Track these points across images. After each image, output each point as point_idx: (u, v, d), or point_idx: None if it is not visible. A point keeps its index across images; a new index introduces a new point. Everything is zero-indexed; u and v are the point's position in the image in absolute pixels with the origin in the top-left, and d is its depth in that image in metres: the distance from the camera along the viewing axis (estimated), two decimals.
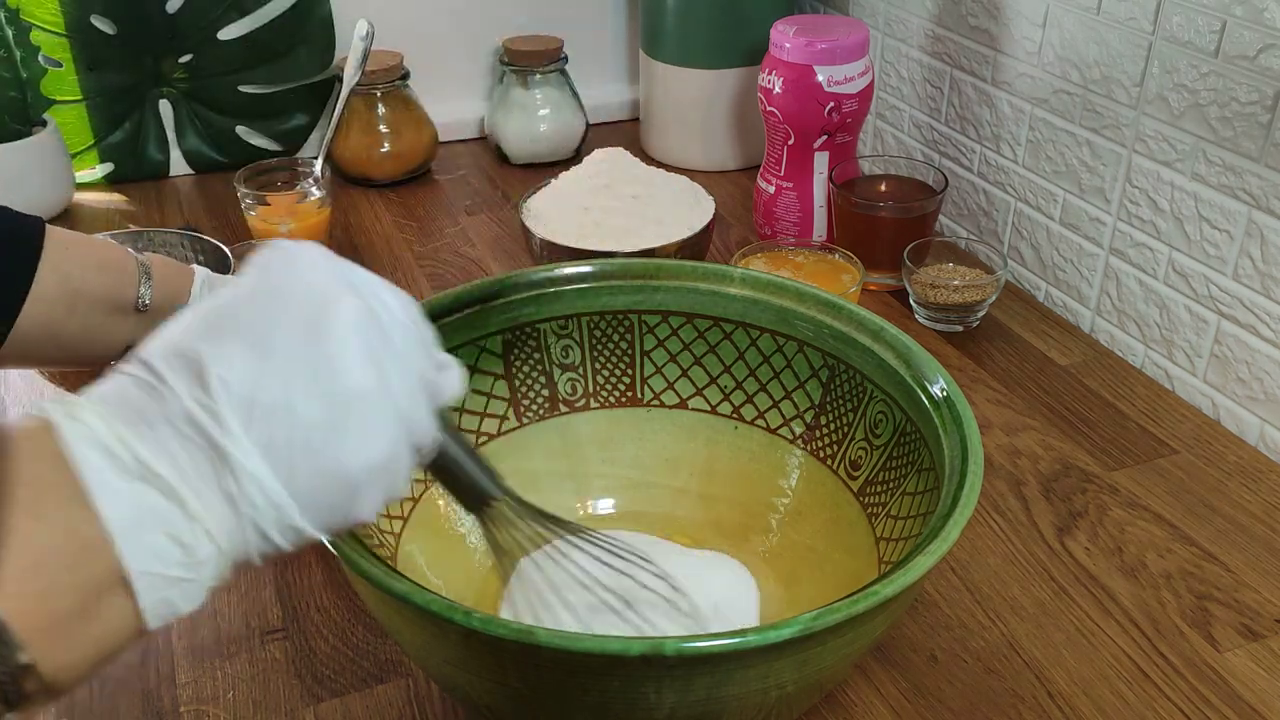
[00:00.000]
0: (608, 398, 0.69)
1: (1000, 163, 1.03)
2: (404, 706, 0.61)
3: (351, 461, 0.38)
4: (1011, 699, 0.62)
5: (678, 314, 0.67)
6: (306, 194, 1.05)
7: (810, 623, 0.42)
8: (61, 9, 1.13)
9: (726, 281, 0.66)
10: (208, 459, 0.35)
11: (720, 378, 0.68)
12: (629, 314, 0.67)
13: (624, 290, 0.67)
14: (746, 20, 1.17)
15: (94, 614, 0.33)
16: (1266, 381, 0.81)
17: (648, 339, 0.68)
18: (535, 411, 0.69)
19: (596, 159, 0.98)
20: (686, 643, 0.42)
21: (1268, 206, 0.79)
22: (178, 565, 0.35)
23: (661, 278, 0.67)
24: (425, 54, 1.27)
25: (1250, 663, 0.64)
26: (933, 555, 0.46)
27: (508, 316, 0.67)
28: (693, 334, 0.67)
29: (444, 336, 0.64)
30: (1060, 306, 1.00)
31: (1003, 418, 0.84)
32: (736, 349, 0.67)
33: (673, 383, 0.69)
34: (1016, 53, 0.99)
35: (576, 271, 0.67)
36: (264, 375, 0.36)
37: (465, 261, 1.07)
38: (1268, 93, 0.77)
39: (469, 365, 0.66)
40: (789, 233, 1.06)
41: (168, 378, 0.36)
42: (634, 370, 0.69)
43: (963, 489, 0.50)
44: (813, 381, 0.65)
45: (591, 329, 0.68)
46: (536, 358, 0.68)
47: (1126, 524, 0.74)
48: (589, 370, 0.69)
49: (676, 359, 0.68)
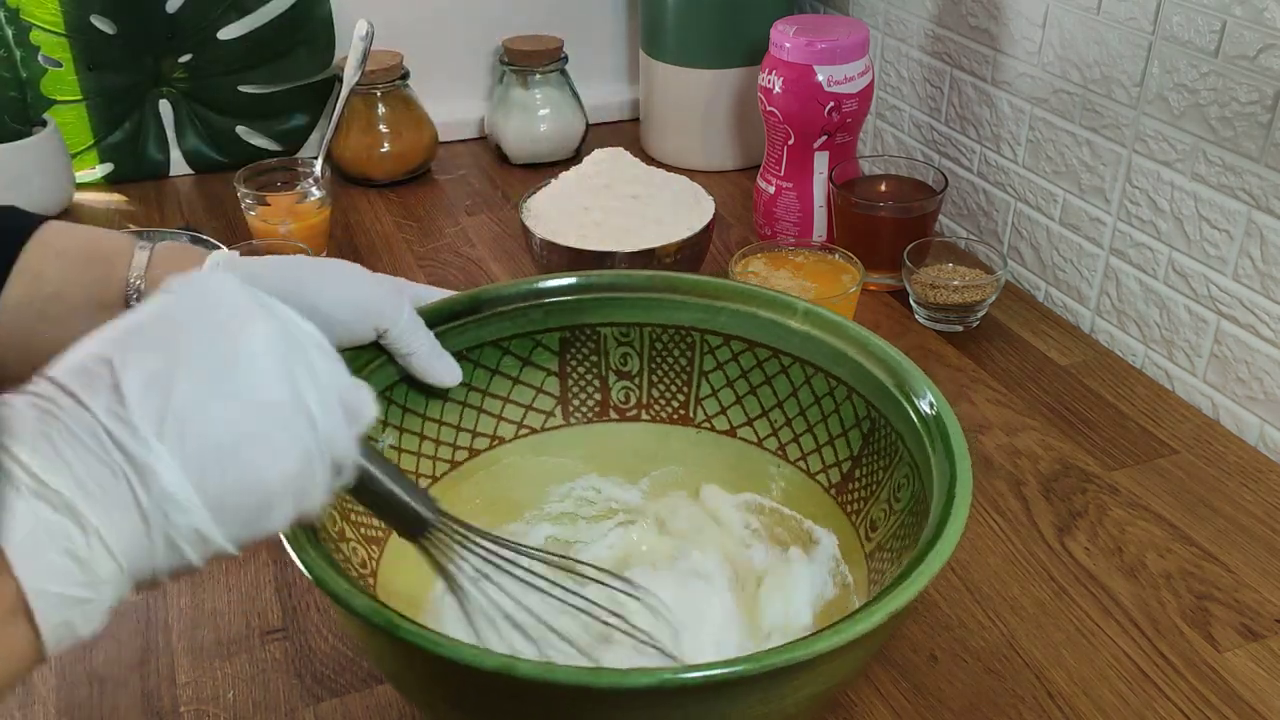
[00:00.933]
0: (659, 412, 0.68)
1: (1000, 163, 1.04)
2: (404, 706, 0.61)
3: (265, 472, 0.37)
4: (1011, 699, 0.62)
5: (739, 339, 0.65)
6: (306, 194, 1.05)
7: (761, 661, 0.42)
8: (61, 9, 1.13)
9: (789, 313, 0.64)
10: (112, 470, 0.34)
11: (772, 411, 0.65)
12: (692, 331, 0.66)
13: (688, 307, 0.65)
14: (746, 20, 1.17)
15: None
16: (1266, 381, 0.81)
17: (707, 359, 0.66)
18: (583, 413, 0.68)
19: (596, 159, 0.98)
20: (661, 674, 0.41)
21: (1268, 206, 0.79)
22: (77, 584, 0.34)
23: (727, 299, 0.65)
24: (425, 54, 1.27)
25: (1250, 663, 0.64)
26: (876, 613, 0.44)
27: (568, 315, 0.66)
28: (752, 361, 0.65)
29: (499, 326, 0.65)
30: (1060, 306, 1.00)
31: (1003, 418, 0.84)
32: (791, 384, 0.64)
33: (726, 408, 0.67)
34: (1016, 52, 0.99)
35: (643, 278, 0.66)
36: (176, 382, 0.36)
37: (465, 262, 1.07)
38: (1268, 93, 0.77)
39: (521, 357, 0.66)
40: (789, 233, 1.06)
41: (73, 389, 0.35)
42: (690, 388, 0.67)
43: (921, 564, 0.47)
44: (855, 431, 0.62)
45: (653, 340, 0.67)
46: (594, 360, 0.67)
47: (1126, 524, 0.74)
48: (645, 381, 0.68)
49: (733, 384, 0.66)
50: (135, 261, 0.56)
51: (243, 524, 0.37)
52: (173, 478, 0.35)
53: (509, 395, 0.67)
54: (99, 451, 0.34)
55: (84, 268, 0.55)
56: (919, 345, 0.93)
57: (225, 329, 0.38)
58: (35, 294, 0.53)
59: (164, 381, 0.36)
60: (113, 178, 1.23)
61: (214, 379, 0.37)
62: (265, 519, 0.38)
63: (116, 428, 0.34)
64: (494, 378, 0.66)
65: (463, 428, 0.65)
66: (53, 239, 0.55)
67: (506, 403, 0.67)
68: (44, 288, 0.54)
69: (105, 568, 0.34)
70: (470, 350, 0.65)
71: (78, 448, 0.34)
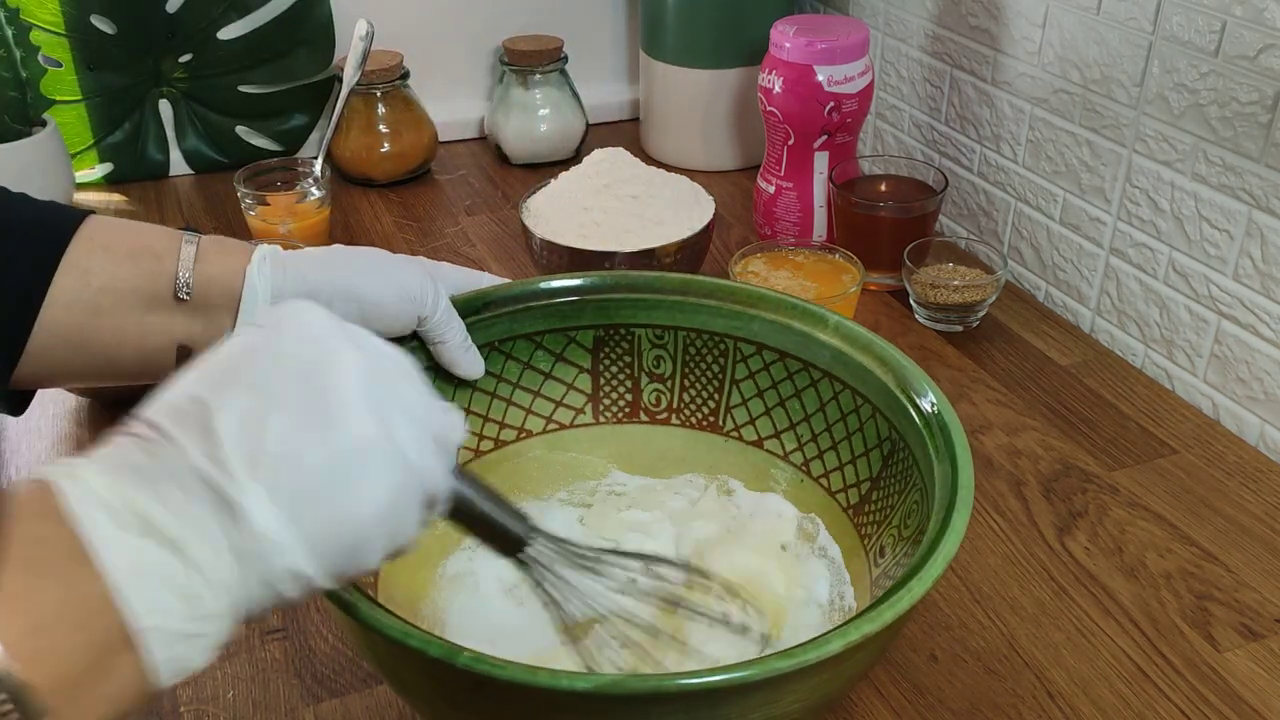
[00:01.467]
0: (690, 417, 0.68)
1: (1000, 163, 1.03)
2: (404, 706, 0.61)
3: (357, 509, 0.38)
4: (1011, 699, 0.62)
5: (771, 349, 0.64)
6: (306, 194, 1.05)
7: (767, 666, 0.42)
8: (61, 9, 1.13)
9: (820, 326, 0.62)
10: (212, 511, 0.35)
11: (799, 425, 0.65)
12: (725, 338, 0.65)
13: (722, 313, 0.65)
14: (746, 20, 1.17)
15: (106, 672, 0.33)
16: (1266, 381, 0.81)
17: (739, 368, 0.66)
18: (613, 413, 0.68)
19: (596, 159, 0.98)
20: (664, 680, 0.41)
21: (1268, 206, 0.79)
22: (183, 619, 0.34)
23: (760, 308, 0.64)
24: (425, 54, 1.27)
25: (1250, 663, 0.64)
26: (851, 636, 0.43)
27: (604, 313, 0.66)
28: (783, 373, 0.64)
29: (533, 320, 0.65)
30: (1060, 306, 1.00)
31: (1003, 418, 0.84)
32: (820, 399, 0.63)
33: (755, 418, 0.66)
34: (1016, 52, 0.99)
35: (679, 281, 0.66)
36: (269, 423, 0.36)
37: (465, 262, 1.07)
38: (1268, 93, 0.77)
39: (555, 353, 0.66)
40: (789, 233, 1.06)
41: (169, 431, 0.36)
42: (720, 395, 0.67)
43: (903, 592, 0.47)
44: (875, 452, 0.60)
45: (687, 345, 0.66)
46: (627, 360, 0.67)
47: (1126, 524, 0.74)
48: (677, 385, 0.67)
49: (763, 395, 0.65)
50: (183, 255, 0.55)
51: (337, 561, 0.38)
52: (266, 519, 0.35)
53: (539, 390, 0.67)
54: (196, 492, 0.35)
55: (131, 262, 0.55)
56: (919, 345, 0.93)
57: (316, 367, 0.38)
58: (84, 289, 0.53)
59: (257, 422, 0.36)
60: (113, 178, 1.23)
61: (306, 419, 0.37)
62: (361, 556, 0.39)
63: (211, 470, 0.35)
64: (525, 371, 0.66)
65: (490, 418, 0.66)
66: (98, 234, 0.55)
67: (537, 396, 0.67)
68: (92, 282, 0.53)
69: (210, 604, 0.35)
70: (503, 342, 0.65)
71: (176, 489, 0.35)
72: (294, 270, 0.57)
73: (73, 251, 0.53)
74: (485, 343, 0.64)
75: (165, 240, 0.56)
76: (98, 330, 0.54)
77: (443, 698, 0.47)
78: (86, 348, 0.54)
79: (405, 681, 0.49)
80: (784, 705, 0.44)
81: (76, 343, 0.54)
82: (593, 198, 0.95)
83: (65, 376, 0.56)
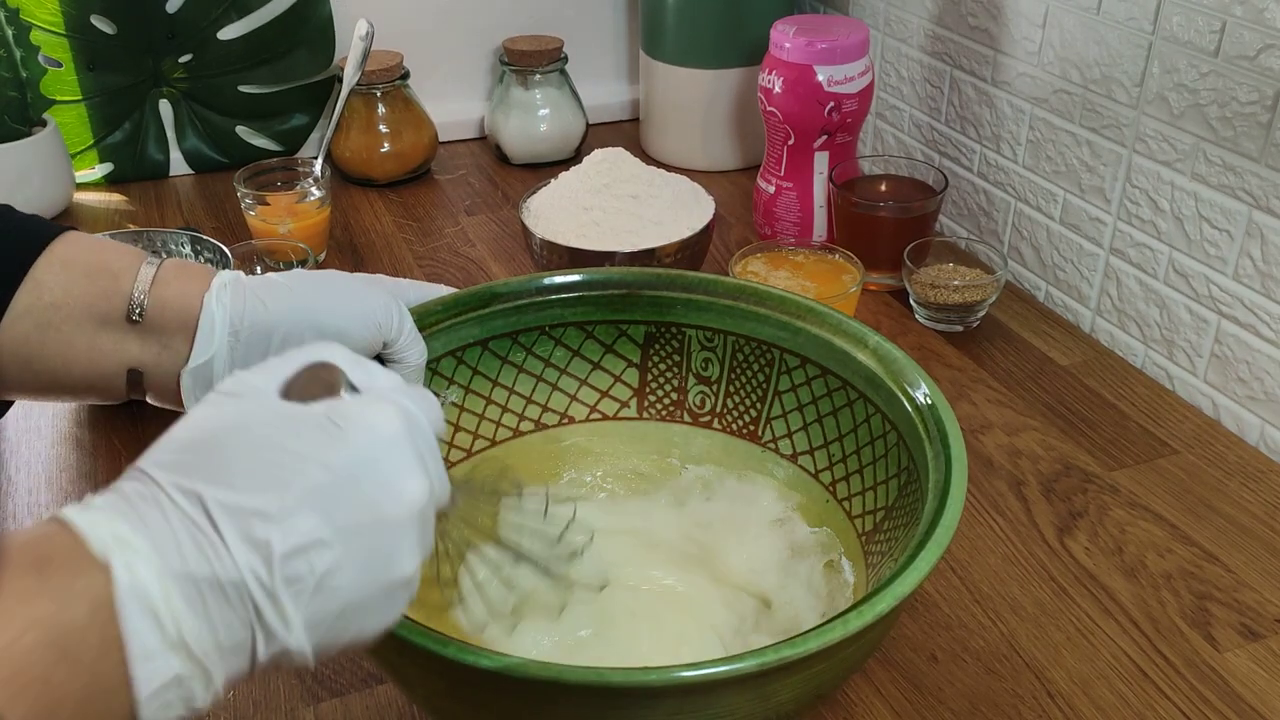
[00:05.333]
0: (731, 423, 0.67)
1: (1000, 163, 1.04)
2: (404, 706, 0.61)
3: (371, 630, 0.39)
4: (1011, 699, 0.62)
5: (815, 364, 0.63)
6: (306, 194, 1.05)
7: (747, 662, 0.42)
8: (61, 9, 1.13)
9: (860, 345, 0.61)
10: (249, 633, 0.35)
11: (832, 444, 0.63)
12: (773, 347, 0.65)
13: (770, 322, 0.64)
14: (746, 20, 1.17)
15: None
16: (1267, 381, 0.81)
17: (783, 379, 0.65)
18: (657, 410, 0.68)
19: (596, 159, 0.98)
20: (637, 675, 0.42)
21: (1268, 206, 0.79)
22: (181, 711, 0.35)
23: (806, 320, 0.63)
24: (425, 54, 1.27)
25: (1250, 663, 0.64)
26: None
27: (657, 310, 0.66)
28: (823, 389, 0.63)
29: (585, 309, 0.66)
30: (1060, 306, 1.00)
31: (1003, 418, 0.84)
32: (854, 420, 0.62)
33: (793, 431, 0.65)
34: (1016, 53, 0.99)
35: (733, 285, 0.65)
36: (325, 554, 0.36)
37: (465, 261, 1.07)
38: (1268, 93, 0.77)
39: (605, 344, 0.67)
40: (789, 233, 1.06)
41: (226, 537, 0.35)
42: (763, 405, 0.66)
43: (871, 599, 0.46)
44: (894, 481, 0.59)
45: (735, 350, 0.66)
46: (676, 359, 0.67)
47: (1127, 524, 0.74)
48: (723, 390, 0.67)
49: (803, 409, 0.65)
50: (141, 276, 0.54)
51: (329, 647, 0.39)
52: (298, 643, 0.36)
53: (586, 378, 0.68)
54: (241, 615, 0.35)
55: (87, 279, 0.53)
56: (919, 345, 0.93)
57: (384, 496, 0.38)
58: (36, 303, 0.52)
59: (315, 552, 0.36)
60: (113, 178, 1.23)
61: (368, 564, 0.37)
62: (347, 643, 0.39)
63: (261, 599, 0.35)
64: (574, 359, 0.67)
65: (534, 400, 0.67)
66: (62, 250, 0.53)
67: (583, 385, 0.68)
68: (44, 296, 0.52)
69: (208, 700, 0.35)
70: (553, 328, 0.66)
71: (223, 604, 0.34)
72: (254, 299, 0.55)
73: (35, 266, 0.52)
74: (536, 326, 0.65)
75: (126, 259, 0.55)
76: (44, 345, 0.53)
77: (446, 696, 0.48)
78: (32, 363, 0.53)
79: (409, 678, 0.49)
80: (778, 696, 0.45)
81: (23, 357, 0.52)
82: (593, 198, 0.95)
83: (16, 390, 0.55)
